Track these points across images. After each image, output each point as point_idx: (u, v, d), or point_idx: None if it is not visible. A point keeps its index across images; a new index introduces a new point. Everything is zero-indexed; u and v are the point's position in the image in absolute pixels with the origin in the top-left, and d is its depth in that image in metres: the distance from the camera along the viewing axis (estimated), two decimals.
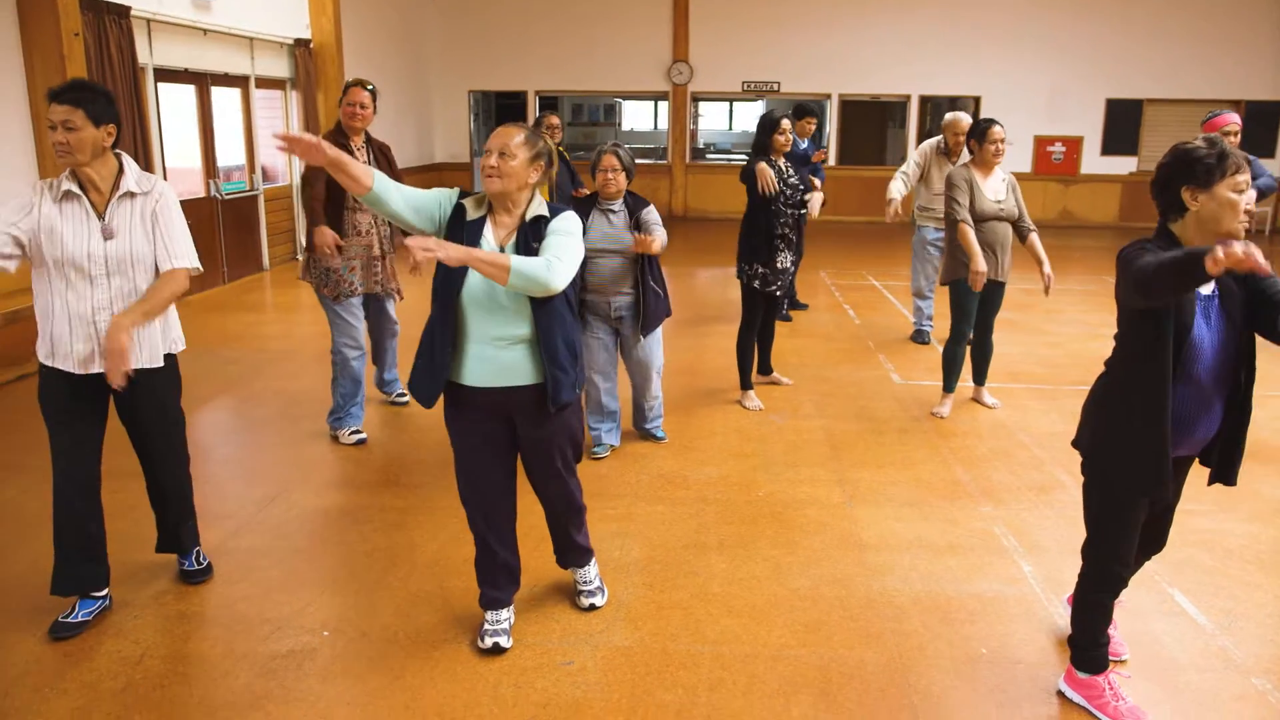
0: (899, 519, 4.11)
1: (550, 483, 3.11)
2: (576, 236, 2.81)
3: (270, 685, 2.88)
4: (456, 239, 2.75)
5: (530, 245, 2.78)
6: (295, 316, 8.25)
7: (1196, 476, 2.87)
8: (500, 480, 3.04)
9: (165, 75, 8.58)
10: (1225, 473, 2.65)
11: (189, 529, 3.52)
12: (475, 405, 2.91)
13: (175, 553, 3.55)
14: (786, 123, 5.43)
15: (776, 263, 5.44)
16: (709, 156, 17.50)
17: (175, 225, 3.13)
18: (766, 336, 5.95)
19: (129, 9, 7.64)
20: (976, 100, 15.01)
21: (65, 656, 3.02)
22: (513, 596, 3.18)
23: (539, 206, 2.85)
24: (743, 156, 16.92)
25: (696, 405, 5.65)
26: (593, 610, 3.32)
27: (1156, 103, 14.91)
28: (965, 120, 6.74)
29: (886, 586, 3.52)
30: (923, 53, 14.93)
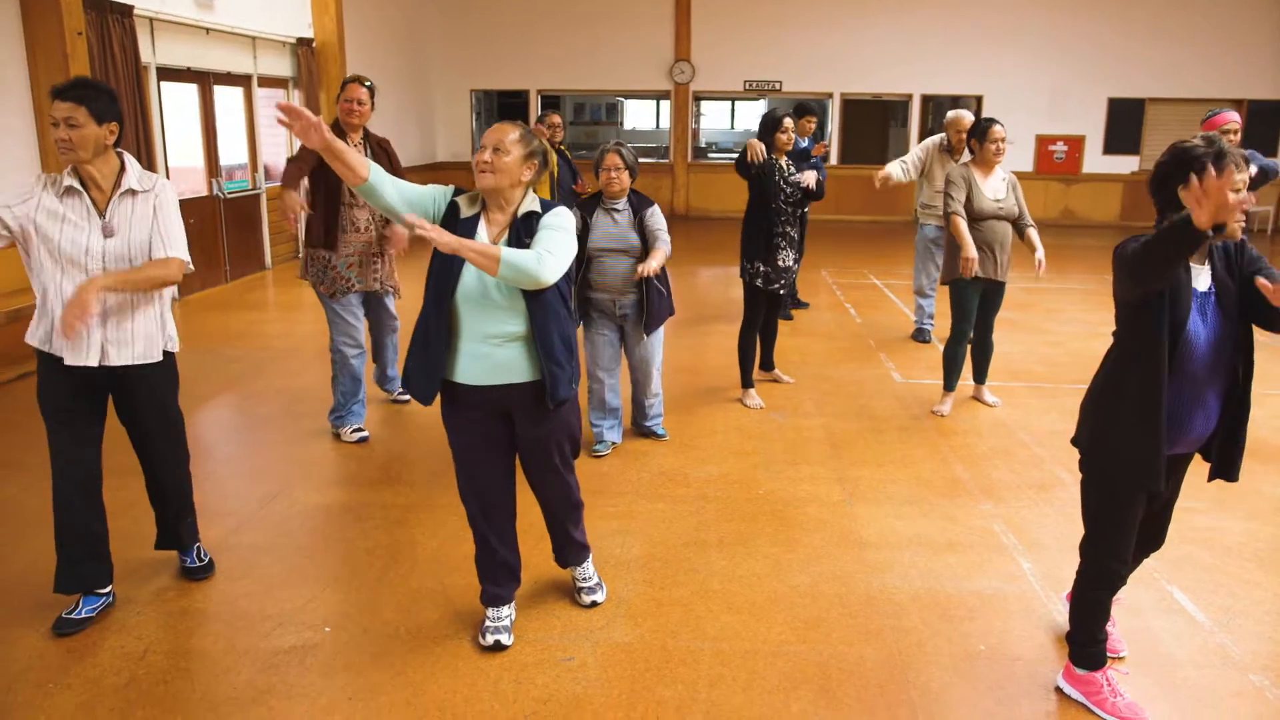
0: (899, 517, 4.12)
1: (548, 479, 3.12)
2: (569, 231, 2.81)
3: (272, 680, 2.90)
4: None
5: (522, 241, 2.78)
6: (297, 315, 8.27)
7: (1196, 475, 2.88)
8: (499, 478, 3.05)
9: (168, 74, 8.60)
10: (1226, 468, 2.66)
11: (188, 526, 3.54)
12: (472, 403, 2.91)
13: (175, 549, 3.56)
14: (789, 121, 5.44)
15: (778, 261, 5.46)
16: (711, 156, 17.50)
17: (172, 220, 3.14)
18: (769, 334, 5.97)
19: (132, 8, 7.65)
20: (978, 99, 15.01)
21: (69, 652, 3.04)
22: (513, 593, 3.19)
23: (531, 203, 2.86)
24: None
25: (697, 403, 5.66)
26: (594, 607, 3.34)
27: (1158, 102, 14.91)
28: (968, 118, 6.74)
29: (886, 583, 3.53)
30: (924, 52, 14.93)
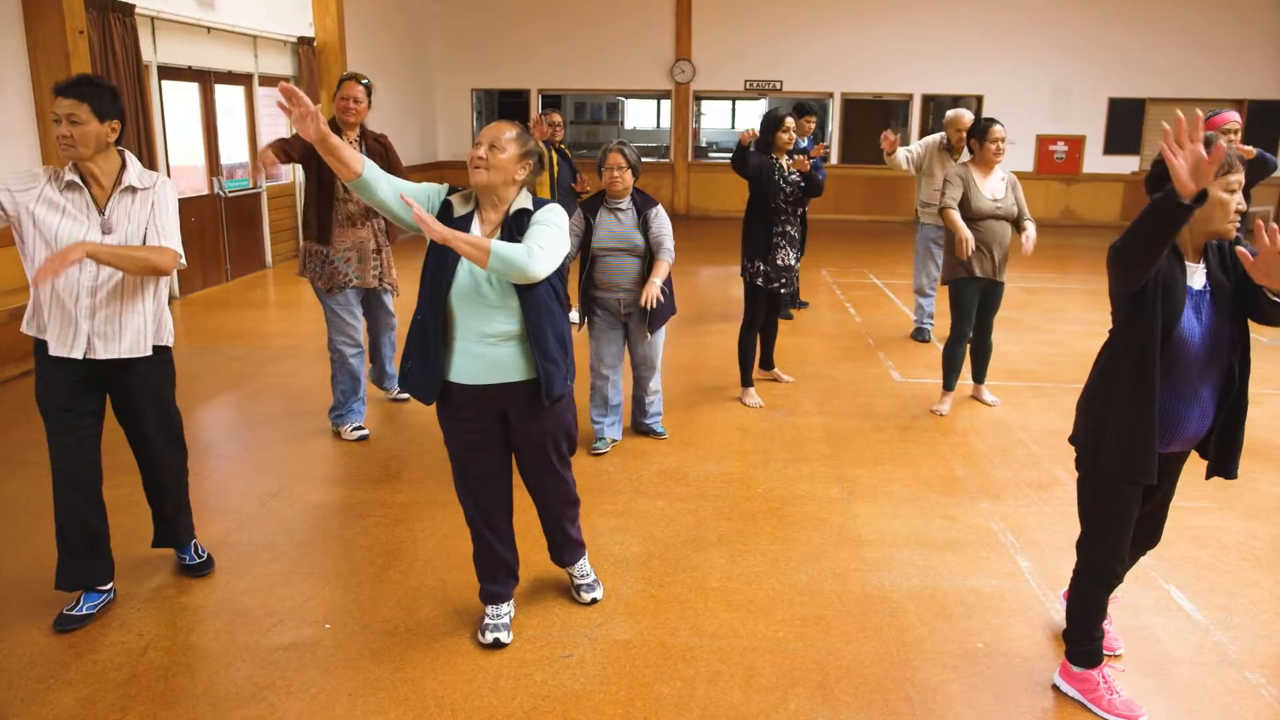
0: (897, 515, 4.13)
1: (545, 477, 3.12)
2: (561, 228, 2.81)
3: (272, 676, 2.91)
4: None
5: (514, 238, 2.79)
6: (298, 313, 8.28)
7: (1195, 475, 2.89)
8: (496, 476, 3.07)
9: (169, 73, 8.61)
10: (1223, 465, 2.67)
11: (185, 523, 3.55)
12: (468, 403, 2.92)
13: (172, 547, 3.57)
14: (790, 121, 5.46)
15: (778, 260, 5.47)
16: (711, 155, 17.49)
17: (169, 216, 3.16)
18: (769, 333, 5.98)
19: (133, 7, 7.67)
20: (979, 99, 15.01)
21: (70, 648, 3.06)
22: (512, 591, 3.20)
23: (523, 200, 2.87)
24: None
25: (697, 402, 5.68)
26: (594, 604, 3.35)
27: (1159, 102, 14.90)
28: (967, 117, 6.75)
29: (884, 581, 3.55)
30: (925, 52, 14.93)
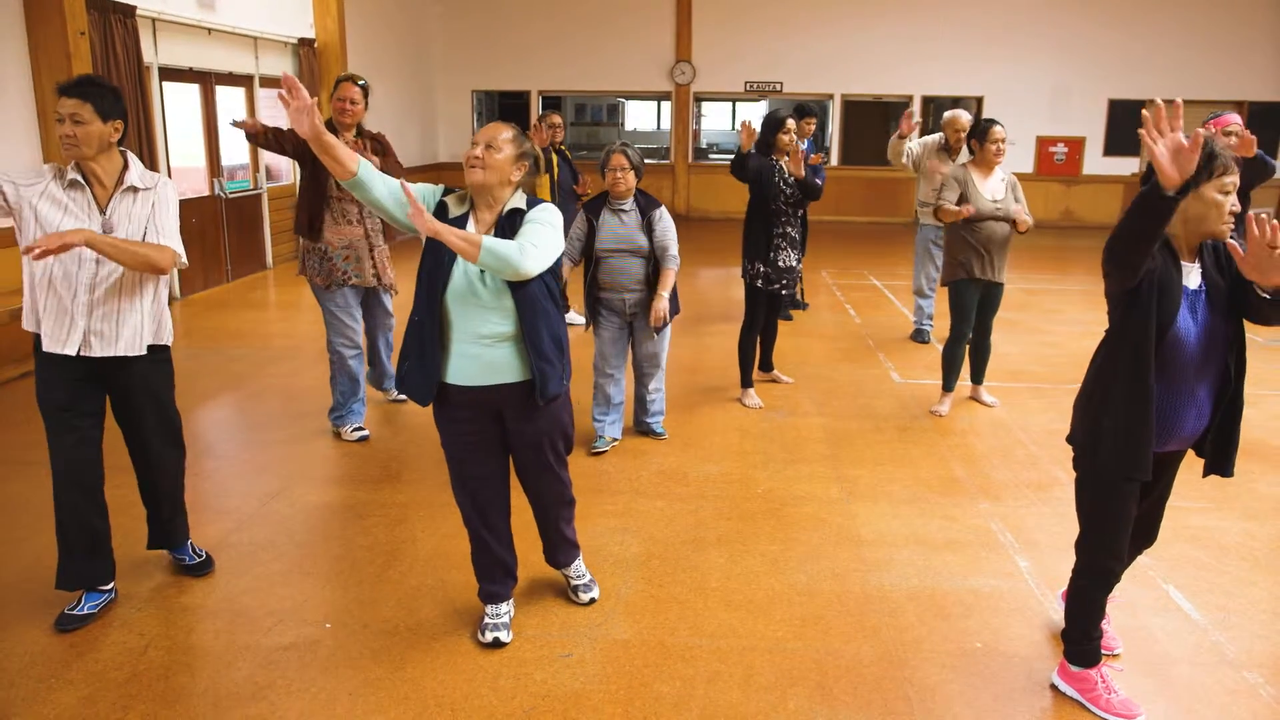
0: (897, 515, 4.14)
1: (542, 476, 3.13)
2: (554, 226, 2.82)
3: (273, 676, 2.92)
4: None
5: (508, 238, 2.78)
6: (298, 314, 8.29)
7: (1194, 474, 2.89)
8: (493, 477, 3.07)
9: (170, 74, 8.63)
10: (1220, 464, 2.67)
11: (181, 524, 3.55)
12: (464, 404, 2.93)
13: (167, 548, 3.57)
14: (792, 123, 5.48)
15: (779, 261, 5.48)
16: (711, 157, 17.50)
17: (170, 216, 3.18)
18: (769, 335, 5.99)
19: (134, 8, 7.68)
20: (979, 100, 15.02)
21: (71, 647, 3.06)
22: (511, 591, 3.21)
23: (517, 200, 2.88)
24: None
25: (697, 403, 5.68)
26: (593, 604, 3.36)
27: None
28: (965, 117, 6.76)
29: (883, 581, 3.55)
30: (925, 53, 14.94)
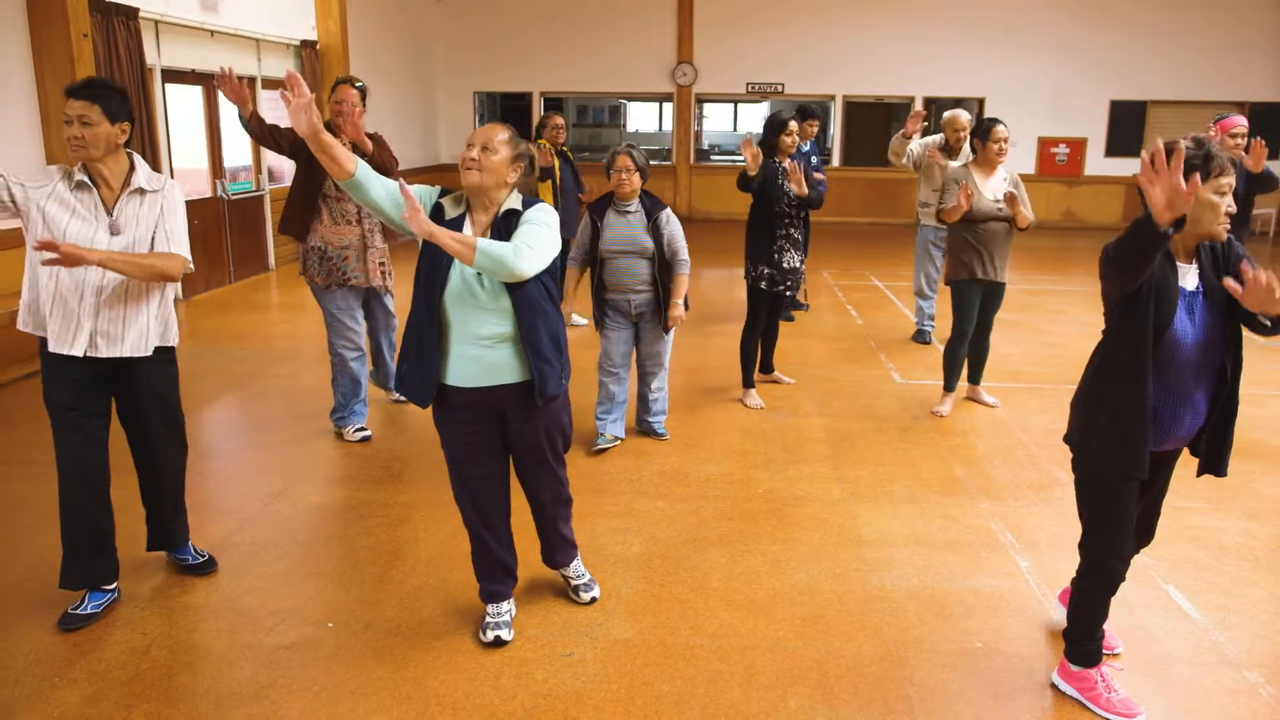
0: (897, 515, 4.14)
1: (541, 475, 3.14)
2: (549, 227, 2.82)
3: (275, 675, 2.93)
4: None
5: (504, 239, 2.79)
6: (300, 315, 8.30)
7: (1191, 473, 2.89)
8: (493, 478, 3.09)
9: (172, 76, 8.64)
10: (1214, 464, 2.68)
11: (182, 524, 3.57)
12: (464, 405, 2.94)
13: (167, 549, 3.58)
14: (794, 124, 5.49)
15: (783, 263, 5.50)
16: (713, 158, 17.51)
17: (178, 220, 3.20)
18: (770, 337, 5.99)
19: (137, 10, 7.70)
20: (980, 101, 15.02)
21: (74, 647, 3.08)
22: (511, 590, 3.22)
23: (513, 201, 2.88)
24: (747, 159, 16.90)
25: (699, 403, 5.69)
26: (593, 603, 3.37)
27: (1160, 104, 14.91)
28: (964, 117, 6.76)
29: (884, 581, 3.56)
30: (926, 54, 14.94)
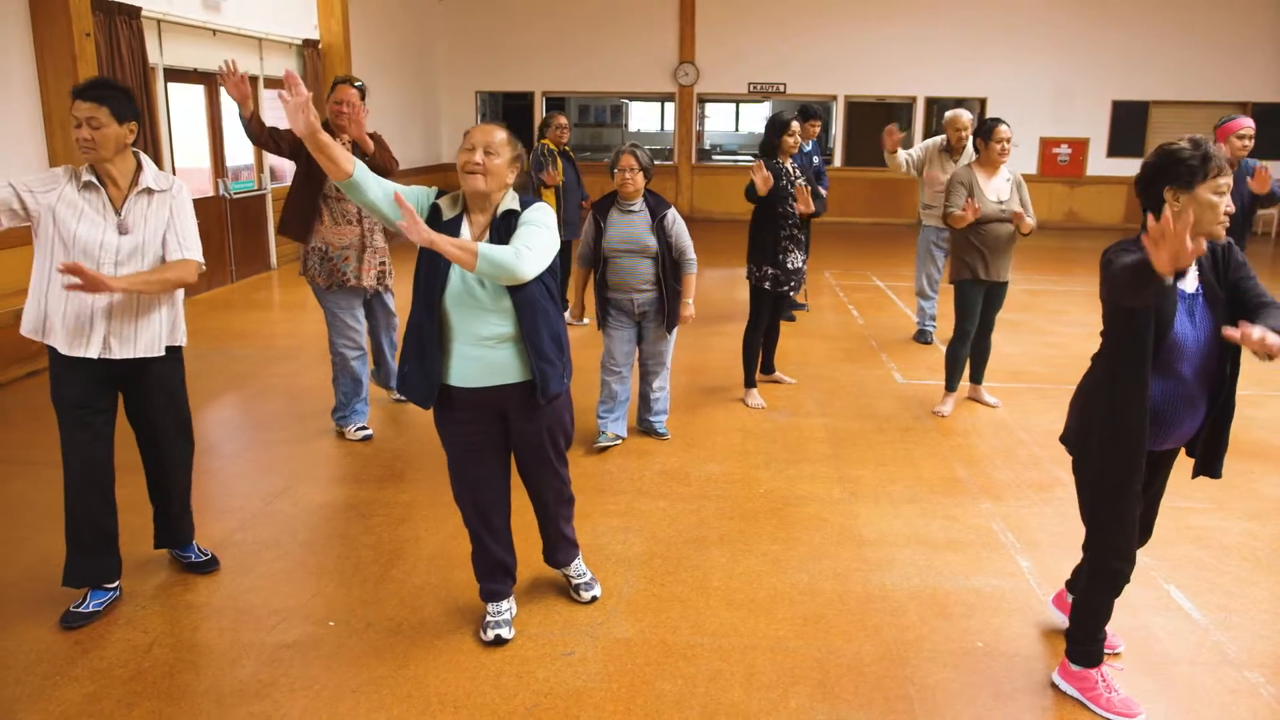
0: (898, 515, 4.15)
1: (543, 473, 3.15)
2: (549, 227, 2.82)
3: (276, 674, 2.94)
4: None
5: (503, 240, 2.80)
6: (302, 314, 8.31)
7: (1189, 474, 2.90)
8: (494, 478, 3.09)
9: (175, 75, 8.65)
10: (1209, 465, 2.69)
11: (189, 521, 3.58)
12: (466, 405, 2.94)
13: (174, 546, 3.60)
14: (796, 125, 5.49)
15: (788, 263, 5.50)
16: (715, 158, 17.51)
17: (189, 223, 3.22)
18: (771, 337, 5.99)
19: (140, 10, 7.71)
20: (982, 102, 15.02)
21: (76, 645, 3.08)
22: (510, 589, 3.23)
23: (510, 201, 2.88)
24: (749, 158, 16.94)
25: (700, 403, 5.69)
26: (594, 602, 3.37)
27: (1162, 105, 14.90)
28: (966, 116, 6.76)
29: (885, 581, 3.56)
30: (928, 54, 14.94)
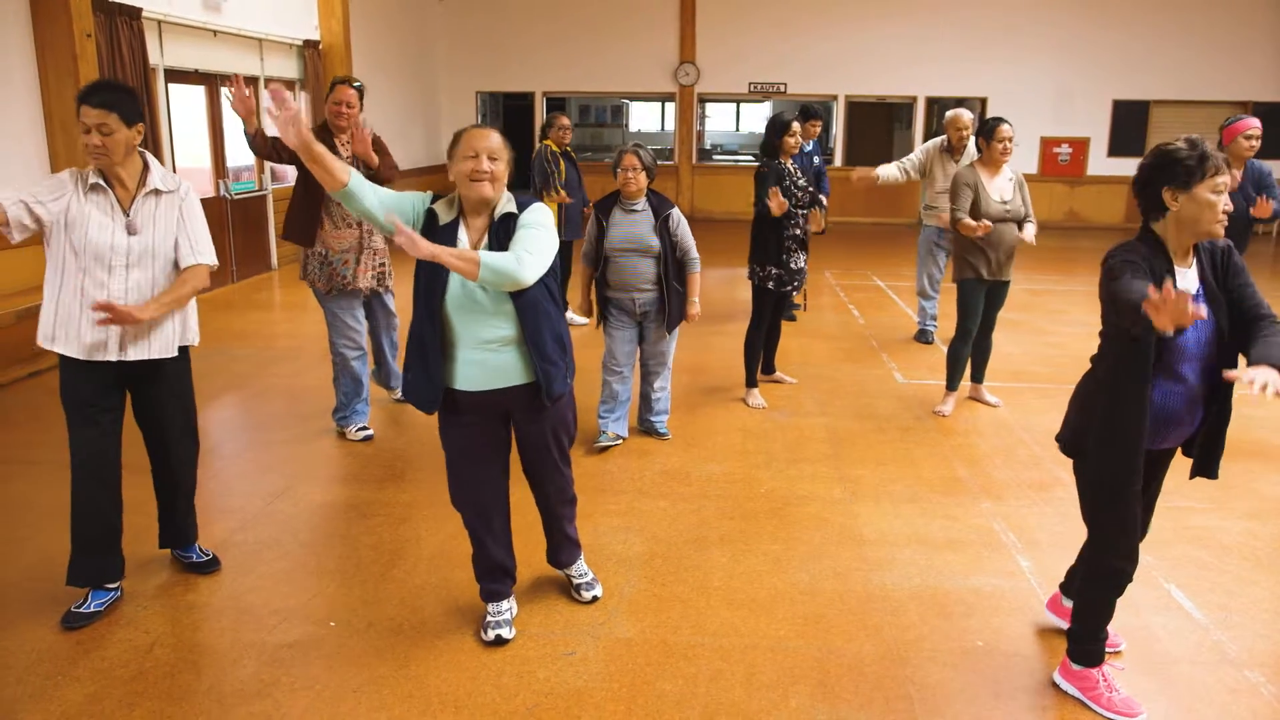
0: (899, 515, 4.15)
1: (547, 473, 3.16)
2: (548, 229, 2.82)
3: (277, 674, 2.94)
4: None
5: (502, 243, 2.80)
6: (303, 315, 8.32)
7: (1188, 473, 2.90)
8: (496, 480, 3.10)
9: (175, 76, 8.66)
10: (1206, 465, 2.69)
11: (193, 521, 3.60)
12: (471, 409, 2.95)
13: (179, 546, 3.60)
14: (797, 125, 5.49)
15: (791, 264, 5.50)
16: (715, 158, 17.53)
17: (199, 222, 3.23)
18: (772, 338, 5.99)
19: (140, 10, 7.72)
20: (983, 101, 15.01)
21: (77, 645, 3.08)
22: (510, 589, 3.23)
23: (507, 203, 2.87)
24: (749, 158, 16.95)
25: (700, 403, 5.70)
26: (595, 601, 3.37)
27: (1163, 104, 14.90)
28: (967, 116, 6.76)
29: (885, 581, 3.56)
30: (929, 54, 14.94)
